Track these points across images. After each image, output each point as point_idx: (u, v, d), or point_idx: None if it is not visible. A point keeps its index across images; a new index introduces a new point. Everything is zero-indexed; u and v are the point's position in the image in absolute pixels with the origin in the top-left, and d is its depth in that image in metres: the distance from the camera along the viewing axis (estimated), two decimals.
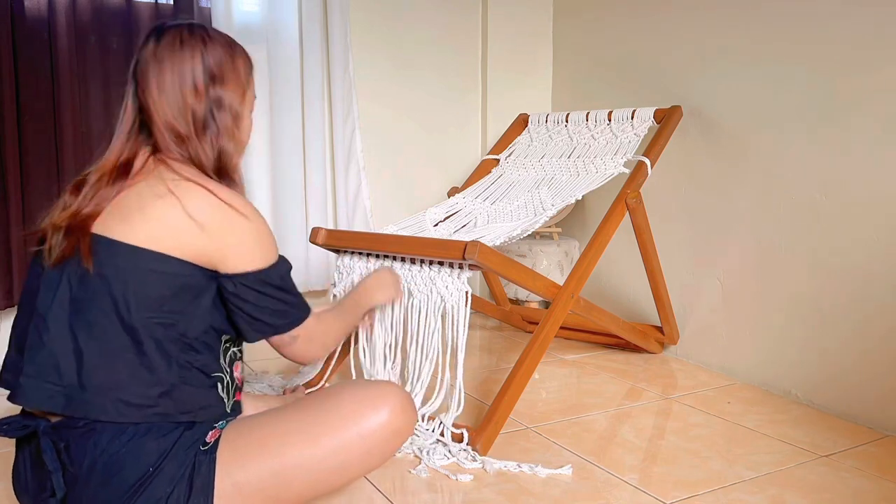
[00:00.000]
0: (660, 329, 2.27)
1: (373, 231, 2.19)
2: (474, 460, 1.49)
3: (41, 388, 0.99)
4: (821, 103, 1.83)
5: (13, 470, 1.08)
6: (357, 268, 1.79)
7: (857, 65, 1.74)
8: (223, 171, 1.13)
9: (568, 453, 1.55)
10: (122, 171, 1.09)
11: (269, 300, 1.10)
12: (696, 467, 1.48)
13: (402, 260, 1.70)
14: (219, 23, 2.27)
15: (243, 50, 1.19)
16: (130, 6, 2.21)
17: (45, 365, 1.00)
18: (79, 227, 1.03)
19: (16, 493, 1.09)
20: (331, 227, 2.54)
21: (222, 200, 1.06)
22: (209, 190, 1.06)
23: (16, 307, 2.16)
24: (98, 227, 1.03)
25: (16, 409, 1.07)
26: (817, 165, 1.84)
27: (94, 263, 1.01)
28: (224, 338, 1.13)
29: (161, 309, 1.02)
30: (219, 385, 1.10)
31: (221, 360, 1.12)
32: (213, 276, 1.08)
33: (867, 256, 1.74)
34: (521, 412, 1.79)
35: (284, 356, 1.20)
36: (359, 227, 2.53)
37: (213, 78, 1.12)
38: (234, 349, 1.16)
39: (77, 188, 1.10)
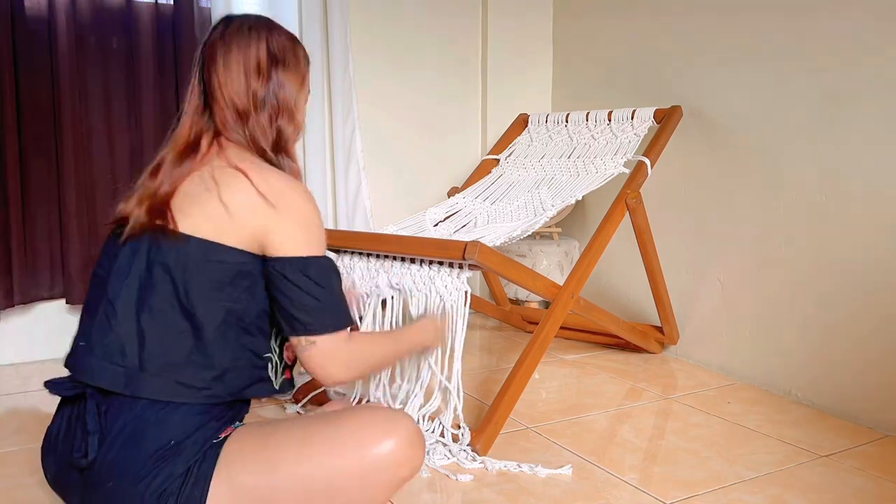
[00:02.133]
0: (660, 329, 2.27)
1: (373, 231, 2.19)
2: (474, 460, 1.49)
3: (107, 368, 1.03)
4: (821, 103, 1.83)
5: (47, 431, 1.11)
6: (357, 268, 1.79)
7: (857, 65, 1.74)
8: (280, 149, 1.17)
9: (568, 453, 1.55)
10: (192, 149, 1.14)
11: (299, 293, 1.08)
12: (696, 467, 1.49)
13: (402, 260, 1.70)
14: None
15: (302, 45, 1.25)
16: (130, 6, 2.21)
17: (111, 347, 1.04)
18: (159, 206, 1.08)
19: (42, 455, 1.12)
20: (331, 226, 2.54)
21: (257, 190, 1.08)
22: (248, 178, 1.08)
23: (16, 307, 2.16)
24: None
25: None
26: (817, 165, 1.85)
27: (157, 252, 1.05)
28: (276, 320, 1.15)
29: (219, 295, 1.06)
30: (269, 365, 1.14)
31: (272, 342, 1.15)
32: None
33: (867, 256, 1.74)
34: (521, 412, 1.80)
35: (301, 364, 1.15)
36: (359, 227, 2.53)
37: (276, 61, 1.18)
38: None
39: (155, 172, 1.13)
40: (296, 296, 1.09)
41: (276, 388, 1.15)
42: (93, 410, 1.03)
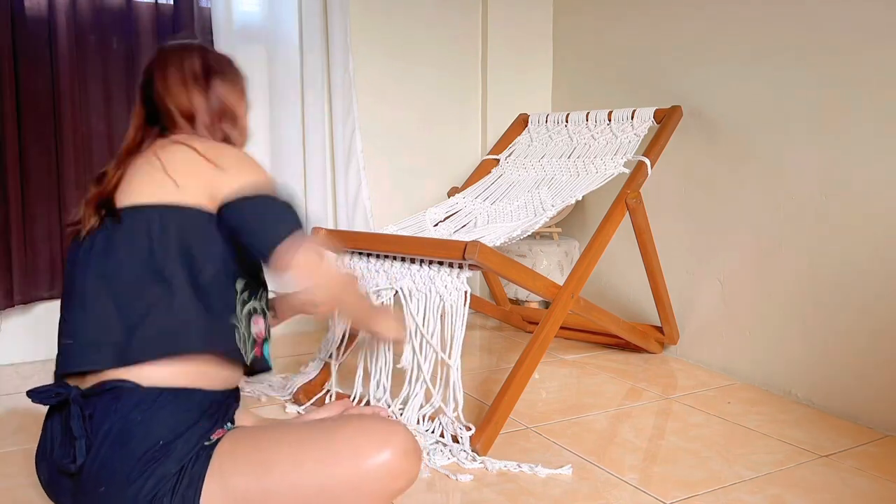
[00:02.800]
0: (660, 329, 2.27)
1: (373, 231, 2.19)
2: (474, 460, 1.49)
3: (91, 349, 1.05)
4: (821, 103, 1.83)
5: (40, 439, 1.12)
6: (357, 268, 1.79)
7: (857, 65, 1.74)
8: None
9: (568, 453, 1.55)
10: (137, 148, 1.21)
11: (267, 205, 1.13)
12: (696, 467, 1.49)
13: (402, 260, 1.70)
14: (219, 23, 2.27)
15: (238, 65, 1.34)
16: (130, 6, 2.21)
17: (92, 328, 1.06)
18: (105, 198, 1.14)
19: (36, 462, 1.12)
20: (331, 227, 2.54)
21: (204, 157, 1.13)
22: (192, 147, 1.14)
23: (16, 307, 2.16)
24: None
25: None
26: (818, 165, 1.85)
27: (114, 231, 1.10)
28: (238, 287, 1.16)
29: (186, 255, 1.09)
30: (235, 334, 1.14)
31: (238, 310, 1.15)
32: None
33: (867, 256, 1.74)
34: (521, 412, 1.80)
35: (293, 275, 1.13)
36: (359, 227, 2.53)
37: (212, 70, 1.25)
38: (253, 304, 1.19)
39: (101, 178, 1.19)
40: (266, 209, 1.12)
41: (247, 362, 1.15)
42: (77, 415, 1.02)
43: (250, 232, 1.12)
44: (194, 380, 1.08)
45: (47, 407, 1.12)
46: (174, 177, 1.11)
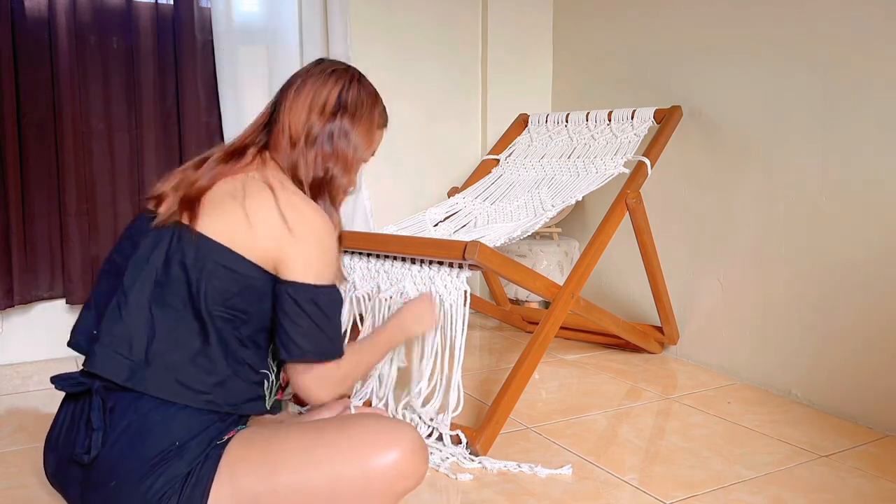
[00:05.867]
0: (660, 329, 2.27)
1: (373, 231, 2.19)
2: (474, 460, 1.49)
3: (112, 357, 1.05)
4: (821, 103, 1.83)
5: (51, 426, 1.12)
6: (357, 268, 1.79)
7: (858, 65, 1.74)
8: (323, 192, 1.19)
9: (568, 453, 1.55)
10: (238, 155, 1.19)
11: (305, 319, 1.11)
12: (696, 467, 1.49)
13: (402, 260, 1.70)
14: (219, 22, 2.27)
15: (385, 109, 1.30)
16: (130, 6, 2.21)
17: (119, 337, 1.05)
18: (192, 197, 1.11)
19: (45, 449, 1.13)
20: None
21: (280, 210, 1.10)
22: (274, 195, 1.11)
23: (16, 307, 2.16)
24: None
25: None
26: (817, 165, 1.85)
27: (177, 248, 1.07)
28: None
29: (226, 304, 1.08)
30: (264, 382, 1.15)
31: (269, 359, 1.17)
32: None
33: (867, 257, 1.74)
34: (521, 412, 1.80)
35: (293, 385, 1.17)
36: (359, 227, 2.53)
37: (345, 109, 1.21)
38: None
39: (200, 164, 1.18)
40: (302, 322, 1.10)
41: (267, 407, 1.17)
42: (98, 406, 1.03)
43: (282, 325, 1.11)
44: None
45: (54, 403, 1.13)
46: (252, 225, 1.08)
